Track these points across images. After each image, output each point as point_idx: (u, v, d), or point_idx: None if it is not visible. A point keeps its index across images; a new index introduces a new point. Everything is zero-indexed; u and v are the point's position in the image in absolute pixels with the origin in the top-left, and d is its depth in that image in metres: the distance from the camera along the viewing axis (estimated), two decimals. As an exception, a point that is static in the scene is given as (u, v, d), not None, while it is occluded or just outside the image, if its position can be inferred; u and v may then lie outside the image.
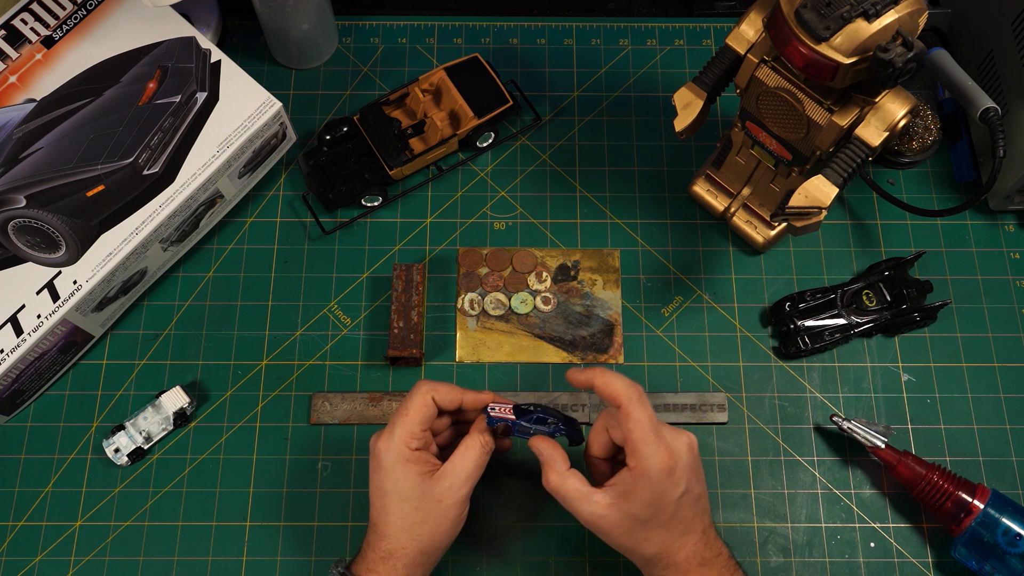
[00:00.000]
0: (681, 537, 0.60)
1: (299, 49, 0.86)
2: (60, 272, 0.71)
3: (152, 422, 0.73)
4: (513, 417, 0.64)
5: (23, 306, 0.70)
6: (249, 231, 0.82)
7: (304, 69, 0.88)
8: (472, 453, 0.63)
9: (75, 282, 0.71)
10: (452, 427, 0.68)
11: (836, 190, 0.62)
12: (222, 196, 0.78)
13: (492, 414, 0.64)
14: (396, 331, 0.75)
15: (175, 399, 0.73)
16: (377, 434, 0.63)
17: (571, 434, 0.66)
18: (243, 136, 0.75)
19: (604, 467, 0.64)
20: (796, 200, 0.63)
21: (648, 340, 0.78)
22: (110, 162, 0.74)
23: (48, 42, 0.78)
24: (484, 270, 0.80)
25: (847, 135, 0.64)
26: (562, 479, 0.61)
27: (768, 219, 0.78)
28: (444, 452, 0.65)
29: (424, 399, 0.63)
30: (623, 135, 0.85)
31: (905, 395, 0.76)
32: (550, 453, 0.62)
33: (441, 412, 0.65)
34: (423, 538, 0.61)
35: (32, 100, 0.76)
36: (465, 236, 0.82)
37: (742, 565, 0.63)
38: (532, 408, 0.65)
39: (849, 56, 0.58)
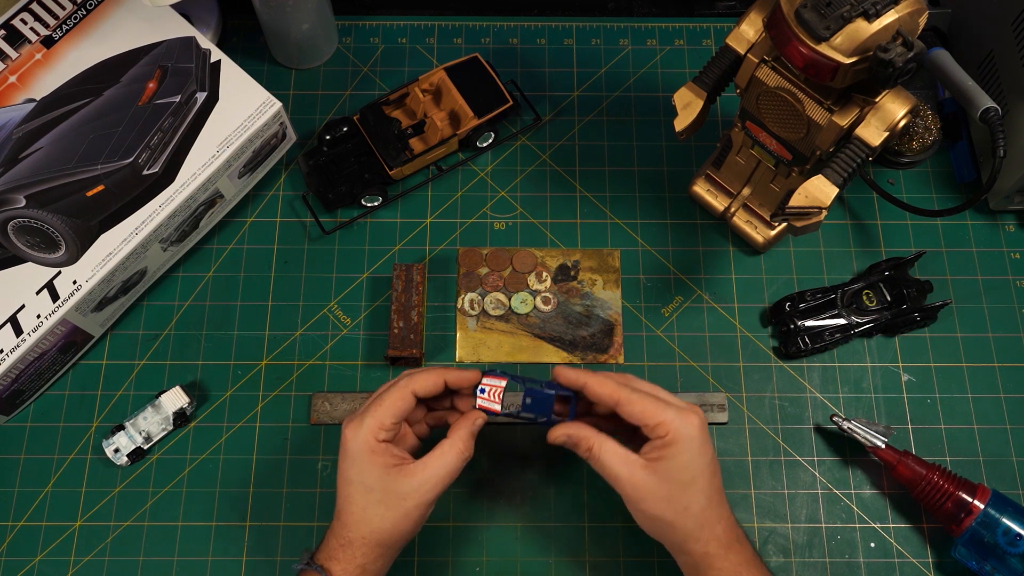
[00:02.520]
0: (719, 507, 0.60)
1: (299, 49, 0.86)
2: (60, 272, 0.71)
3: (152, 422, 0.73)
4: (498, 410, 0.63)
5: (23, 306, 0.70)
6: (249, 231, 0.82)
7: (304, 69, 0.88)
8: (448, 459, 0.61)
9: (75, 282, 0.71)
10: (429, 412, 0.67)
11: (836, 190, 0.62)
12: (222, 196, 0.78)
13: (481, 403, 0.63)
14: (396, 331, 0.75)
15: (175, 399, 0.73)
16: (348, 419, 0.62)
17: (568, 411, 0.64)
18: (243, 136, 0.75)
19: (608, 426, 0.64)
20: (796, 200, 0.63)
21: (648, 340, 0.78)
22: (110, 162, 0.74)
23: (48, 42, 0.78)
24: (484, 270, 0.80)
25: (847, 135, 0.64)
26: (600, 443, 0.60)
27: (768, 219, 0.78)
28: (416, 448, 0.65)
29: (403, 393, 0.62)
30: (623, 135, 0.85)
31: (905, 395, 0.76)
32: (578, 432, 0.61)
33: (426, 400, 0.64)
34: (382, 532, 0.61)
35: (32, 100, 0.76)
36: (465, 236, 0.82)
37: None
38: (523, 391, 0.63)
39: (849, 56, 0.58)
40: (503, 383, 0.63)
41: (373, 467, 0.60)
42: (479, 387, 0.63)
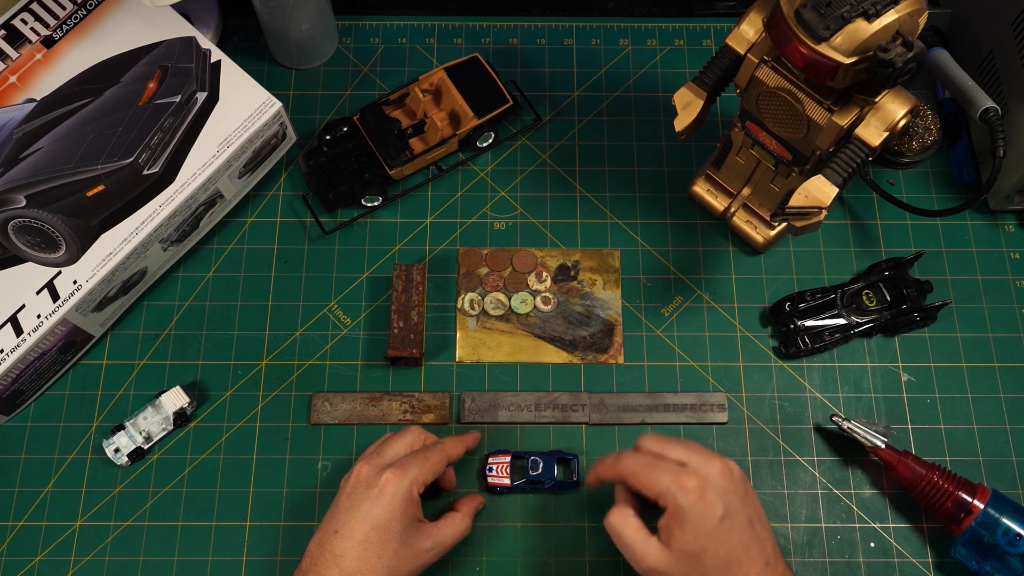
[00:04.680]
0: (739, 569, 0.58)
1: (299, 49, 0.86)
2: (60, 272, 0.71)
3: (152, 422, 0.73)
4: (508, 483, 0.70)
5: (23, 306, 0.70)
6: (249, 231, 0.82)
7: (304, 69, 0.88)
8: (458, 530, 0.65)
9: (75, 282, 0.71)
10: None
11: (836, 190, 0.62)
12: (222, 196, 0.78)
13: (492, 480, 0.71)
14: (396, 331, 0.75)
15: (175, 399, 0.73)
16: (381, 463, 0.63)
17: (564, 484, 0.71)
18: (243, 136, 0.75)
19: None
20: (796, 200, 0.63)
21: (648, 340, 0.78)
22: (110, 162, 0.74)
23: (48, 42, 0.78)
24: (484, 270, 0.80)
25: (847, 135, 0.64)
26: (623, 519, 0.61)
27: (768, 219, 0.78)
28: None
29: (442, 457, 0.65)
30: (623, 135, 0.86)
31: (905, 395, 0.76)
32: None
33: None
34: None
35: (32, 100, 0.76)
36: (465, 236, 0.82)
37: None
38: (527, 461, 0.71)
39: (849, 56, 0.58)
40: (507, 459, 0.71)
41: (404, 518, 0.61)
42: (487, 466, 0.71)
